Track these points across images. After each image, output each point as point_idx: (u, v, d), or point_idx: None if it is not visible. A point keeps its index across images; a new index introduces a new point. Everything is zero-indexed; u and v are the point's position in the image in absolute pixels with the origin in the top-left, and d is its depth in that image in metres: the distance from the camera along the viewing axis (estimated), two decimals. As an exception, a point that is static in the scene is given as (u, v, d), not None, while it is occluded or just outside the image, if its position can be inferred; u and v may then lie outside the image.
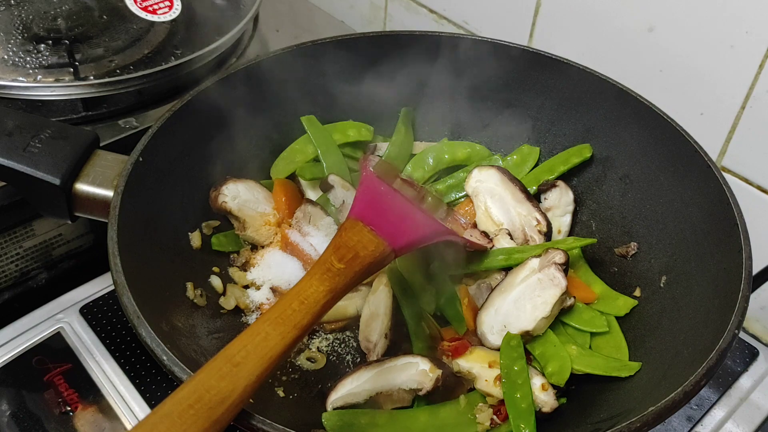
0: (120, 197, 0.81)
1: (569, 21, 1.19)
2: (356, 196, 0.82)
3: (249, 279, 0.97)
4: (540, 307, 0.87)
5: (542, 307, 0.87)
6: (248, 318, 0.94)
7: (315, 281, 0.69)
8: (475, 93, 1.13)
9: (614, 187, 1.04)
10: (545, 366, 0.85)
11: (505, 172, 1.03)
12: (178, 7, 1.17)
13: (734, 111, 1.04)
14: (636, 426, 0.66)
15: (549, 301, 0.87)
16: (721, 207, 0.86)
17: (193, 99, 0.96)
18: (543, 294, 0.87)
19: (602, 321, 0.90)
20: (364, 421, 0.80)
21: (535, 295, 0.88)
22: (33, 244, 1.07)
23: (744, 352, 1.06)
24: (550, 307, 0.86)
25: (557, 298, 0.86)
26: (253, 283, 0.97)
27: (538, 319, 0.86)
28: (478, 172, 1.04)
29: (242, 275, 0.97)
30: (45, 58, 1.11)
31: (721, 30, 1.01)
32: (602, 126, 1.05)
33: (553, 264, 0.88)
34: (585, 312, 0.91)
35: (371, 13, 1.56)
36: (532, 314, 0.87)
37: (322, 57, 1.08)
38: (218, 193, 0.98)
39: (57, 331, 1.00)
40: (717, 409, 0.99)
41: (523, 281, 0.89)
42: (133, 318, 0.72)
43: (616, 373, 0.83)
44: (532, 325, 0.86)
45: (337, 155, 1.07)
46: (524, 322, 0.87)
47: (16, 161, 0.83)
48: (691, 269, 0.89)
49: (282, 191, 1.03)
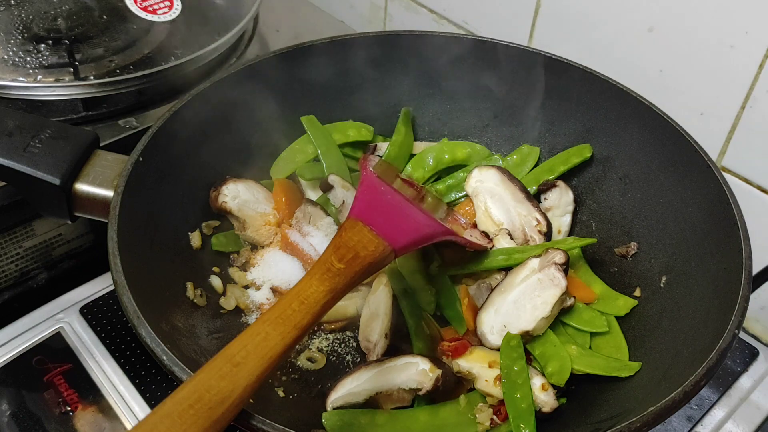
0: (120, 197, 0.81)
1: (569, 21, 1.19)
2: (356, 196, 0.82)
3: (249, 279, 0.97)
4: (540, 307, 0.87)
5: (542, 307, 0.87)
6: (248, 318, 0.94)
7: (315, 281, 0.69)
8: (475, 93, 1.13)
9: (614, 187, 1.04)
10: (545, 366, 0.85)
11: (505, 172, 1.03)
12: (178, 7, 1.17)
13: (734, 111, 1.04)
14: (636, 426, 0.66)
15: (549, 301, 0.87)
16: (721, 207, 0.86)
17: (193, 99, 0.96)
18: (543, 294, 0.87)
19: (602, 321, 0.90)
20: (364, 421, 0.80)
21: (535, 295, 0.88)
22: (33, 244, 1.07)
23: (744, 352, 1.06)
24: (550, 307, 0.86)
25: (557, 298, 0.86)
26: (253, 283, 0.97)
27: (538, 319, 0.86)
28: (478, 172, 1.04)
29: (242, 275, 0.97)
30: (45, 58, 1.11)
31: (721, 30, 1.01)
32: (602, 126, 1.05)
33: (553, 264, 0.88)
34: (585, 312, 0.91)
35: (371, 13, 1.56)
36: (532, 314, 0.87)
37: (322, 57, 1.08)
38: (218, 193, 0.98)
39: (57, 331, 1.00)
40: (717, 409, 0.99)
41: (523, 281, 0.89)
42: (133, 318, 0.72)
43: (617, 373, 0.83)
44: (532, 325, 0.86)
45: (337, 155, 1.07)
46: (524, 323, 0.87)
47: (16, 161, 0.83)
48: (691, 269, 0.88)
49: (282, 191, 1.03)
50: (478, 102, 1.13)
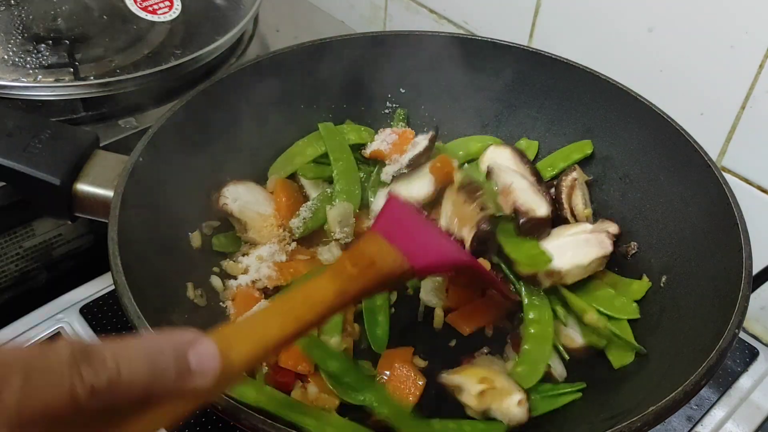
0: (120, 197, 0.81)
1: (569, 21, 1.19)
2: (379, 214, 0.81)
3: (241, 267, 0.96)
4: (580, 256, 0.88)
5: (582, 256, 0.88)
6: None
7: (324, 280, 0.68)
8: (475, 93, 1.13)
9: (614, 187, 1.04)
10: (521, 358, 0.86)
11: (518, 153, 1.03)
12: (178, 7, 1.17)
13: (734, 111, 1.04)
14: (636, 426, 0.66)
15: (590, 256, 0.88)
16: (721, 207, 0.86)
17: (193, 99, 0.96)
18: (587, 249, 0.89)
19: (634, 307, 0.91)
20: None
21: (579, 247, 0.89)
22: (33, 244, 1.07)
23: (744, 352, 1.06)
24: (590, 260, 0.88)
25: (599, 257, 0.88)
26: (246, 270, 0.96)
27: (575, 264, 0.87)
28: (493, 149, 1.05)
29: (235, 265, 0.97)
30: (45, 58, 1.11)
31: (721, 30, 1.01)
32: (602, 126, 1.05)
33: (606, 232, 0.90)
34: (616, 299, 0.91)
35: (371, 13, 1.56)
36: (571, 259, 0.88)
37: (322, 57, 1.08)
38: (219, 195, 0.98)
39: (57, 331, 0.99)
40: (717, 409, 0.99)
41: (571, 236, 0.91)
42: (133, 318, 0.72)
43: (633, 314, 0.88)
44: (567, 267, 0.87)
45: (350, 162, 1.07)
46: (560, 262, 0.88)
47: (16, 161, 0.83)
48: (691, 269, 0.89)
49: (283, 192, 1.03)
50: (477, 102, 1.13)
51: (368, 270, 0.69)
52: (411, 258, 0.72)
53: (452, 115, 1.15)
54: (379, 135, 1.10)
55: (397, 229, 0.75)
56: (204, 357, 0.50)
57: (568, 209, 0.99)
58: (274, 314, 0.63)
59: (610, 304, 0.91)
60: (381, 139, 1.08)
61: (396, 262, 0.71)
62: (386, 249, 0.72)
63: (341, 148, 1.07)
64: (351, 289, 0.67)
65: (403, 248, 0.72)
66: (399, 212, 0.79)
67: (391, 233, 0.74)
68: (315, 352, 0.84)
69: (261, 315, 0.64)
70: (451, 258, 0.81)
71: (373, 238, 0.73)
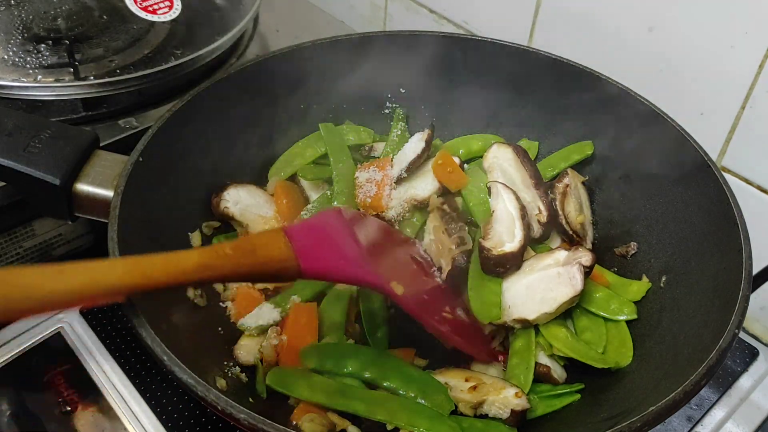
0: (120, 197, 0.81)
1: (569, 21, 1.19)
2: (304, 220, 0.82)
3: None
4: (548, 302, 0.87)
5: (550, 302, 0.87)
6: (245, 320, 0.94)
7: (193, 252, 0.73)
8: (475, 93, 1.13)
9: (614, 187, 1.04)
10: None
11: (521, 153, 1.02)
12: (178, 7, 1.17)
13: (734, 111, 1.04)
14: (636, 426, 0.66)
15: (559, 300, 0.87)
16: (721, 207, 0.86)
17: (193, 99, 0.96)
18: (556, 290, 0.87)
19: (631, 308, 0.91)
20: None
21: (548, 288, 0.88)
22: (33, 244, 1.07)
23: (744, 352, 1.06)
24: (557, 306, 0.86)
25: (568, 299, 0.86)
26: None
27: (542, 312, 0.87)
28: (496, 148, 1.04)
29: None
30: (45, 58, 1.11)
31: (721, 30, 1.01)
32: (602, 126, 1.05)
33: (578, 264, 0.87)
34: (612, 300, 0.91)
35: (371, 13, 1.56)
36: (539, 306, 0.87)
37: (321, 57, 1.08)
38: (220, 199, 0.98)
39: (57, 331, 0.99)
40: (717, 409, 0.99)
41: (543, 269, 0.89)
42: (133, 318, 0.72)
43: (592, 362, 0.85)
44: (533, 316, 0.87)
45: (350, 163, 1.07)
46: (527, 311, 0.87)
47: (16, 161, 0.83)
48: (691, 269, 0.89)
49: (283, 194, 1.03)
50: (477, 102, 1.13)
51: (245, 256, 0.72)
52: (303, 259, 0.74)
53: (452, 115, 1.15)
54: (361, 173, 1.03)
55: (309, 232, 0.78)
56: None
57: (562, 216, 0.98)
58: (123, 262, 0.69)
59: (606, 305, 0.91)
60: (365, 178, 1.02)
61: (281, 256, 0.74)
62: (276, 243, 0.74)
63: (341, 149, 1.07)
64: (217, 265, 0.70)
65: (300, 249, 0.74)
66: (328, 220, 0.82)
67: (299, 233, 0.76)
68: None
69: (109, 261, 0.69)
70: (350, 275, 0.80)
71: (269, 232, 0.78)
